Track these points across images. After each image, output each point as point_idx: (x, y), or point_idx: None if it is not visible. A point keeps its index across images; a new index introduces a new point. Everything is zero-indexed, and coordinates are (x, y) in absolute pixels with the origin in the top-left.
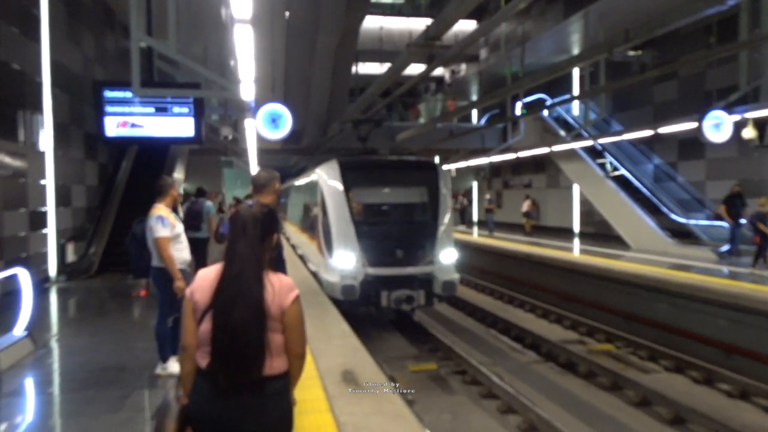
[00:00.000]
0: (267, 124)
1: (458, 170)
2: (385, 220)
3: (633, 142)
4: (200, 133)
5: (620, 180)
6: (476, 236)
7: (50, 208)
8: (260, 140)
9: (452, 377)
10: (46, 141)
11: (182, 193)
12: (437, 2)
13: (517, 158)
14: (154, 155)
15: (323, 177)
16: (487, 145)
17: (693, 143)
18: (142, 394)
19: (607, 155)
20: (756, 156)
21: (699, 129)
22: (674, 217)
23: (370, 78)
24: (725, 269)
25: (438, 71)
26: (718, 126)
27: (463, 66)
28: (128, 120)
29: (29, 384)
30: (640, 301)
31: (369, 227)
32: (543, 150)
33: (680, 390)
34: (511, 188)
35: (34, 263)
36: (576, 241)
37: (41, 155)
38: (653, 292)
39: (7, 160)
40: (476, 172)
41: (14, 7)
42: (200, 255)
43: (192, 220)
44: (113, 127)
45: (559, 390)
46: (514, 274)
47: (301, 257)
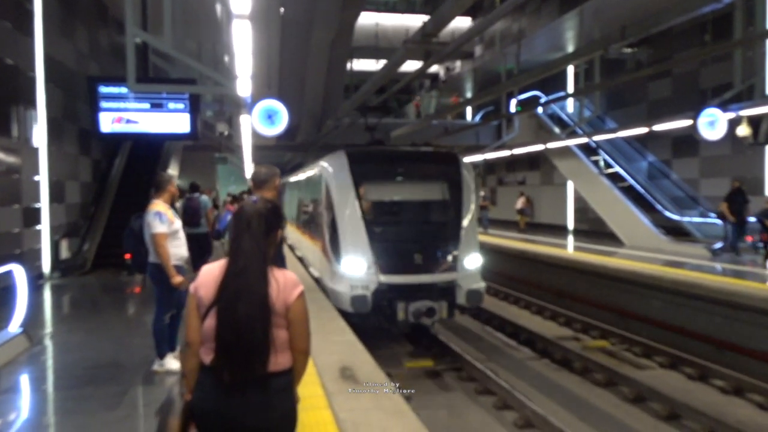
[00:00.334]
0: (263, 121)
1: None
2: (401, 221)
3: (627, 140)
4: (196, 129)
5: (614, 177)
6: None
7: (44, 205)
8: (255, 136)
9: (448, 374)
10: (40, 137)
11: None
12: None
13: (512, 155)
14: (148, 151)
15: (329, 170)
16: (482, 142)
17: (687, 141)
18: (140, 391)
19: (602, 152)
20: (749, 154)
21: (694, 126)
22: (668, 215)
23: (366, 75)
24: (718, 266)
25: (433, 68)
26: (713, 124)
27: (458, 63)
28: (123, 116)
29: (25, 381)
30: (635, 298)
31: (382, 228)
32: (537, 147)
33: (675, 386)
34: (506, 185)
35: (28, 260)
36: (570, 238)
37: (35, 151)
38: (647, 289)
39: (1, 156)
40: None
41: (7, 2)
42: (203, 250)
43: (191, 217)
44: (108, 123)
45: (555, 386)
46: (509, 271)
47: (301, 260)
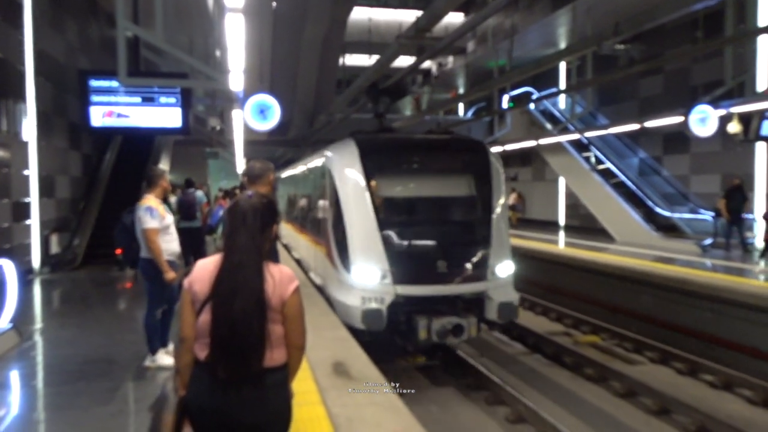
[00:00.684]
0: (255, 115)
1: None
2: (421, 221)
3: (618, 136)
4: (188, 124)
5: (606, 173)
6: None
7: (33, 199)
8: (247, 131)
9: (440, 369)
10: (30, 131)
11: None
12: None
13: (504, 151)
14: (139, 146)
15: (335, 162)
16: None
17: (678, 137)
18: (131, 387)
19: (593, 149)
20: (739, 150)
21: (685, 123)
22: (659, 211)
23: (358, 70)
24: (708, 262)
25: (425, 64)
26: (704, 120)
27: (450, 58)
28: (114, 110)
29: (15, 377)
30: (625, 294)
31: (399, 230)
32: (529, 143)
33: (665, 381)
34: None
35: (18, 255)
36: (561, 234)
37: (24, 145)
38: (638, 285)
39: None
40: None
41: None
42: (197, 243)
43: (186, 211)
44: (99, 117)
45: (546, 381)
46: None
47: (299, 262)
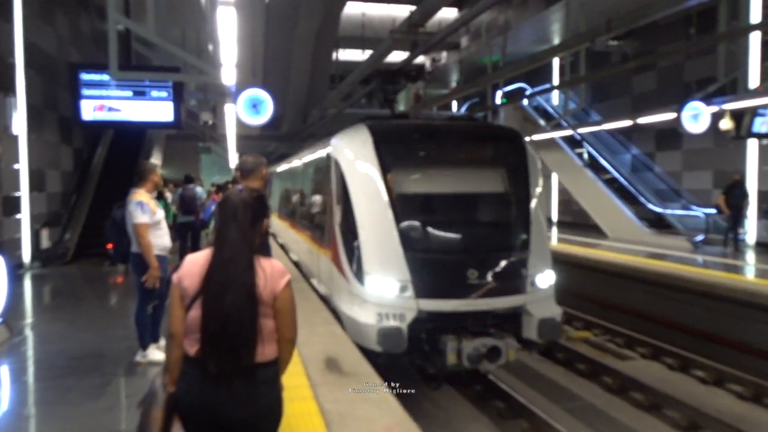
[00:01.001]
0: (248, 110)
1: None
2: (449, 222)
3: (611, 132)
4: (179, 118)
5: (598, 169)
6: None
7: (24, 193)
8: (239, 126)
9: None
10: (20, 124)
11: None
12: None
13: None
14: (131, 140)
15: (344, 151)
16: None
17: (670, 134)
18: (122, 382)
19: (586, 145)
20: (731, 147)
21: (678, 120)
22: (651, 207)
23: (351, 65)
24: (699, 258)
25: (419, 59)
26: (696, 117)
27: (444, 54)
28: (105, 104)
29: (5, 372)
30: (618, 290)
31: (423, 233)
32: None
33: (656, 376)
34: None
35: (8, 249)
36: (554, 230)
37: (14, 139)
38: (630, 281)
39: None
40: None
41: None
42: (196, 237)
43: (187, 206)
44: (90, 111)
45: (538, 377)
46: None
47: (298, 265)
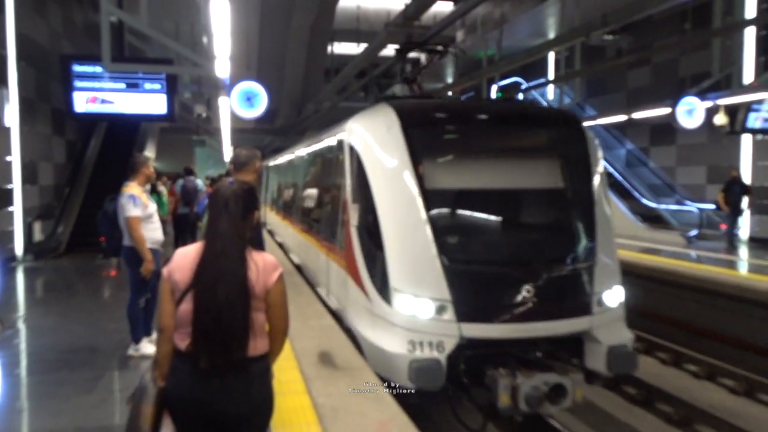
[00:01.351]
0: (242, 103)
1: None
2: (497, 225)
3: (606, 127)
4: (173, 111)
5: None
6: None
7: (16, 186)
8: (234, 119)
9: None
10: (12, 116)
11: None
12: None
13: None
14: (124, 133)
15: (364, 137)
16: None
17: (664, 129)
18: (115, 376)
19: None
20: (725, 143)
21: (672, 115)
22: (645, 202)
23: (346, 58)
24: (693, 253)
25: (413, 53)
26: (691, 112)
27: (439, 48)
28: (98, 96)
29: None
30: None
31: (466, 240)
32: None
33: (648, 371)
34: None
35: (0, 242)
36: None
37: (6, 131)
38: (623, 276)
39: None
40: None
41: None
42: (193, 229)
43: (190, 197)
44: (82, 103)
45: None
46: None
47: (300, 269)
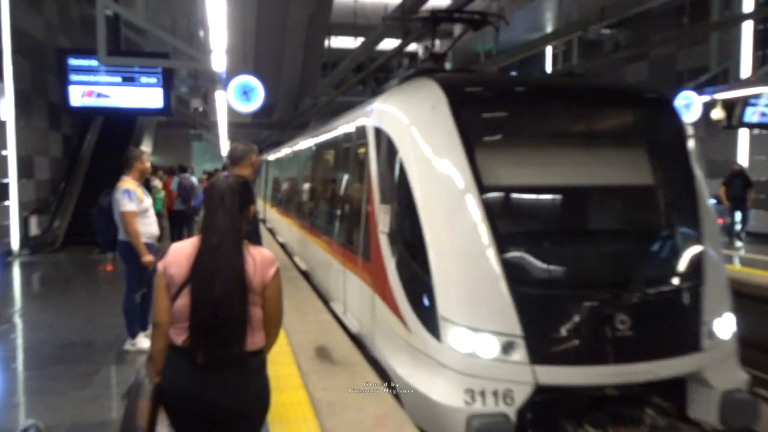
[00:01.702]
0: (239, 97)
1: None
2: (581, 236)
3: None
4: (169, 105)
5: None
6: None
7: (12, 180)
8: (230, 113)
9: None
10: (7, 110)
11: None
12: None
13: None
14: (121, 127)
15: (399, 121)
16: None
17: None
18: (111, 371)
19: None
20: (722, 137)
21: None
22: None
23: (344, 52)
24: None
25: (411, 47)
26: (688, 106)
27: (437, 42)
28: (94, 89)
29: None
30: None
31: (540, 257)
32: None
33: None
34: None
35: None
36: None
37: (2, 125)
38: None
39: None
40: None
41: None
42: (190, 224)
43: (187, 193)
44: (78, 97)
45: None
46: None
47: (307, 275)
